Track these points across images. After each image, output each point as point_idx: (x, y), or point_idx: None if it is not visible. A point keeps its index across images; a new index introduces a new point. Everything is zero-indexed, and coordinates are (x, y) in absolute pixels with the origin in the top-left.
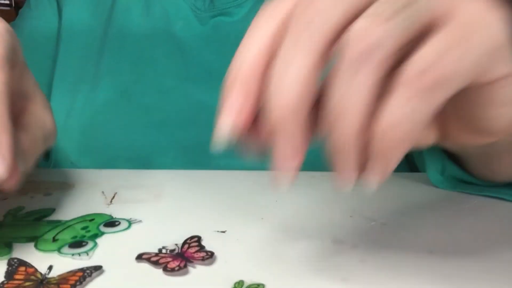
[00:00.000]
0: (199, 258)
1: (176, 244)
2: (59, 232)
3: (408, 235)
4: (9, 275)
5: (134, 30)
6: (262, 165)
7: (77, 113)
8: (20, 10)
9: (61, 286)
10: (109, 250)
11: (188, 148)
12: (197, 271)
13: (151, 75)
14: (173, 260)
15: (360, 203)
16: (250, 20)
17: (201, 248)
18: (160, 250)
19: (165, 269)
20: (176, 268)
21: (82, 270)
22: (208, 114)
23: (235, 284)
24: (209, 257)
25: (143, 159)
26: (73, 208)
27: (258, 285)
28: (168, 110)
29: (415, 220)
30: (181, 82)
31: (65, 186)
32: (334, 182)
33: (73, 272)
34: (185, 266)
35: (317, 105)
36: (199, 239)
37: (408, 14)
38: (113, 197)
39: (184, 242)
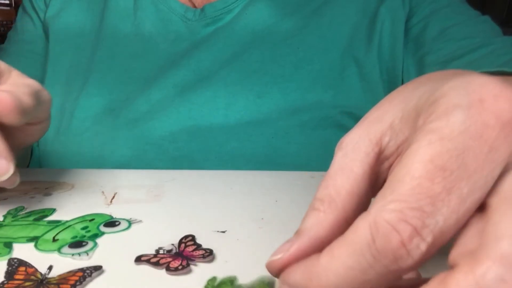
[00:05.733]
0: (199, 256)
1: (173, 244)
2: (59, 232)
3: None
4: (9, 275)
5: (123, 49)
6: (259, 167)
7: (64, 130)
8: (8, 33)
9: (61, 286)
10: (109, 250)
11: (177, 158)
12: (198, 269)
13: (140, 92)
14: (174, 260)
15: None
16: (239, 21)
17: (198, 246)
18: (157, 251)
19: (168, 269)
20: (180, 267)
21: (82, 270)
22: (197, 122)
23: (208, 281)
24: (209, 254)
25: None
26: (73, 208)
27: (230, 277)
28: (156, 122)
29: None
30: (169, 92)
31: (65, 186)
32: None
33: (73, 272)
34: (188, 264)
35: None
36: (193, 237)
37: None
38: (113, 197)
39: (180, 242)
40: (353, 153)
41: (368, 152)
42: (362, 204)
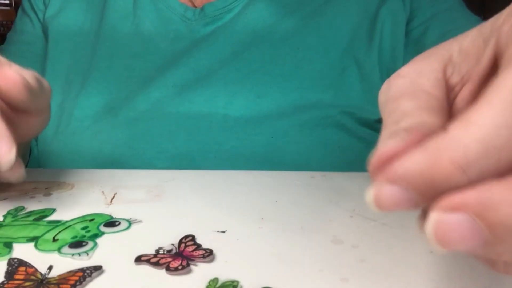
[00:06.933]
0: (200, 256)
1: (173, 244)
2: (59, 232)
3: (408, 235)
4: (9, 275)
5: (123, 48)
6: (260, 167)
7: (63, 130)
8: (8, 34)
9: (61, 286)
10: (109, 250)
11: (176, 157)
12: (198, 269)
13: (139, 91)
14: (174, 260)
15: (360, 203)
16: (239, 20)
17: (198, 246)
18: (157, 251)
19: (168, 269)
20: (180, 267)
21: (82, 270)
22: (196, 121)
23: (209, 281)
24: (209, 254)
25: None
26: (73, 208)
27: (233, 281)
28: (155, 121)
29: (415, 220)
30: (168, 91)
31: (65, 186)
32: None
33: (73, 272)
34: (188, 264)
35: None
36: (193, 237)
37: None
38: (113, 197)
39: (180, 242)
40: (421, 79)
41: (439, 78)
42: None
